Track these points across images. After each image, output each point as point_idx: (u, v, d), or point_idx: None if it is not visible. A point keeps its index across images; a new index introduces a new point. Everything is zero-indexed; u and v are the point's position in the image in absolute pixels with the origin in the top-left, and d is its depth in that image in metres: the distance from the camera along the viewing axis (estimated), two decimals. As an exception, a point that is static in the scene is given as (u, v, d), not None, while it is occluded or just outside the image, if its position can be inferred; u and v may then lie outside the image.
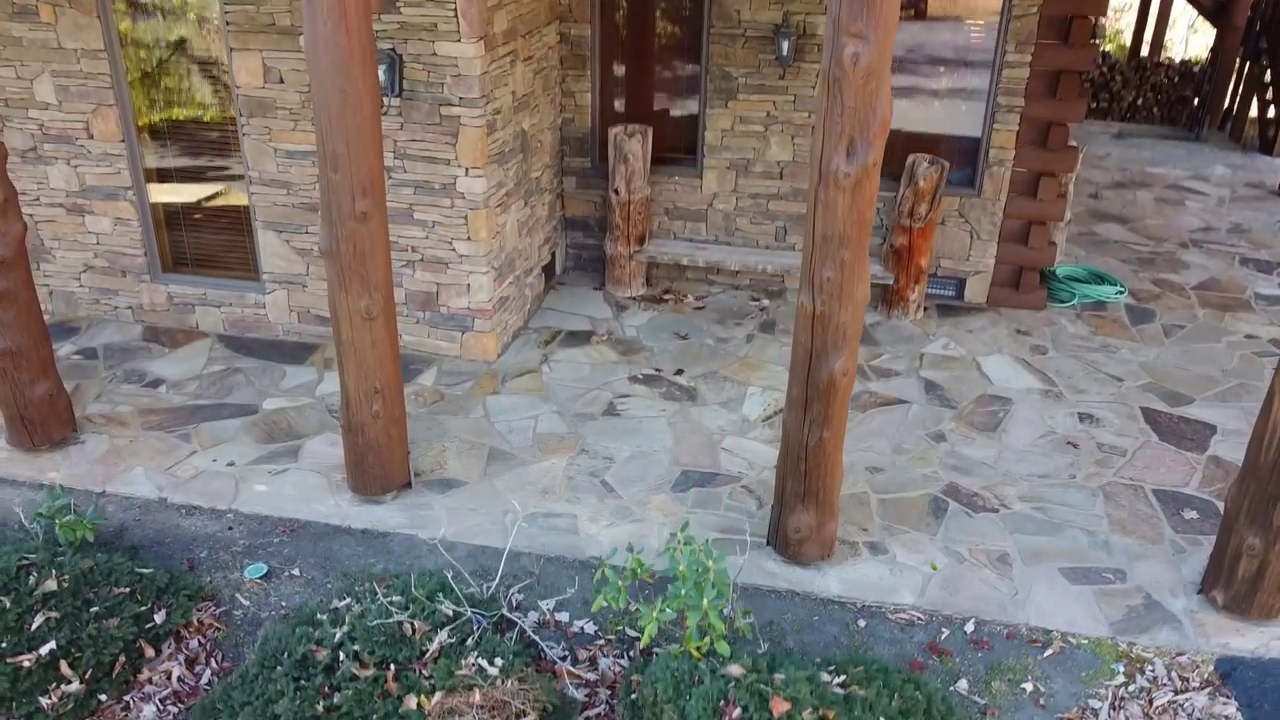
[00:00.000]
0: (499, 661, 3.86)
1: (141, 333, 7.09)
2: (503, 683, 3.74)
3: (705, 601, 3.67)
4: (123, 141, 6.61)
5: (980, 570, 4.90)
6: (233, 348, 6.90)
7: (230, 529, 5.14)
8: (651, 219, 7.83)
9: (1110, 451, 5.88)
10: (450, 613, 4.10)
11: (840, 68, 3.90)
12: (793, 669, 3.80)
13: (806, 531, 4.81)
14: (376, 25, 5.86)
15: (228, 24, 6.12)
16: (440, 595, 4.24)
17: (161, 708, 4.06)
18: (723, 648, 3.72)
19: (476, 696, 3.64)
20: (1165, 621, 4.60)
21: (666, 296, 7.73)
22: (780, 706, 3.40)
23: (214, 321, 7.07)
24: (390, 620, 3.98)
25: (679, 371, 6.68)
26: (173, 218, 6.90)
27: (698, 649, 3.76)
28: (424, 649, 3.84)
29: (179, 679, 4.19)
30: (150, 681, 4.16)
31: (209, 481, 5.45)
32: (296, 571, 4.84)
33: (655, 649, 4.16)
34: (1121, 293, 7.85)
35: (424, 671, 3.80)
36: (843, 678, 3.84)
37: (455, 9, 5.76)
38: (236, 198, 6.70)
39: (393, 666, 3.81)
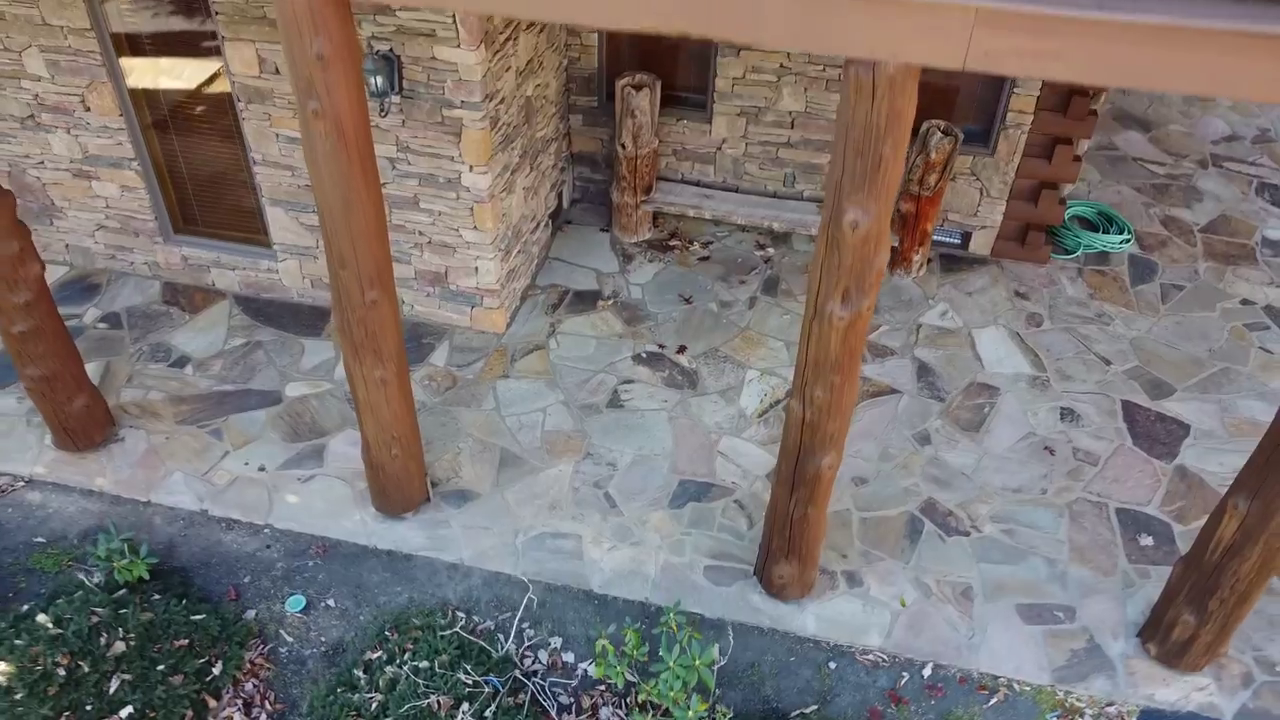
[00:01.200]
0: (513, 738, 4.51)
1: (161, 292, 7.31)
2: (517, 763, 4.40)
3: (690, 714, 4.25)
4: (121, 115, 6.53)
5: (944, 608, 5.45)
6: (250, 313, 7.15)
7: (268, 547, 5.68)
8: (659, 160, 7.76)
9: (1084, 460, 6.27)
10: (470, 682, 4.71)
11: (839, 230, 3.96)
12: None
13: (789, 579, 5.33)
14: (372, 27, 5.66)
15: (217, 14, 5.89)
16: (461, 660, 4.84)
17: (227, 758, 4.79)
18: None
19: (495, 781, 4.32)
20: (1102, 669, 5.21)
21: (673, 243, 7.82)
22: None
23: (230, 281, 7.27)
24: (420, 698, 4.59)
25: (681, 349, 6.95)
26: (181, 187, 6.93)
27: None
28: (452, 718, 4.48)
29: (240, 724, 4.89)
30: (215, 731, 4.86)
31: (244, 491, 5.94)
32: (332, 602, 5.43)
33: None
34: (1127, 241, 7.88)
35: (450, 750, 4.46)
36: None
37: (454, 16, 5.55)
38: (243, 174, 6.70)
39: (423, 745, 4.47)
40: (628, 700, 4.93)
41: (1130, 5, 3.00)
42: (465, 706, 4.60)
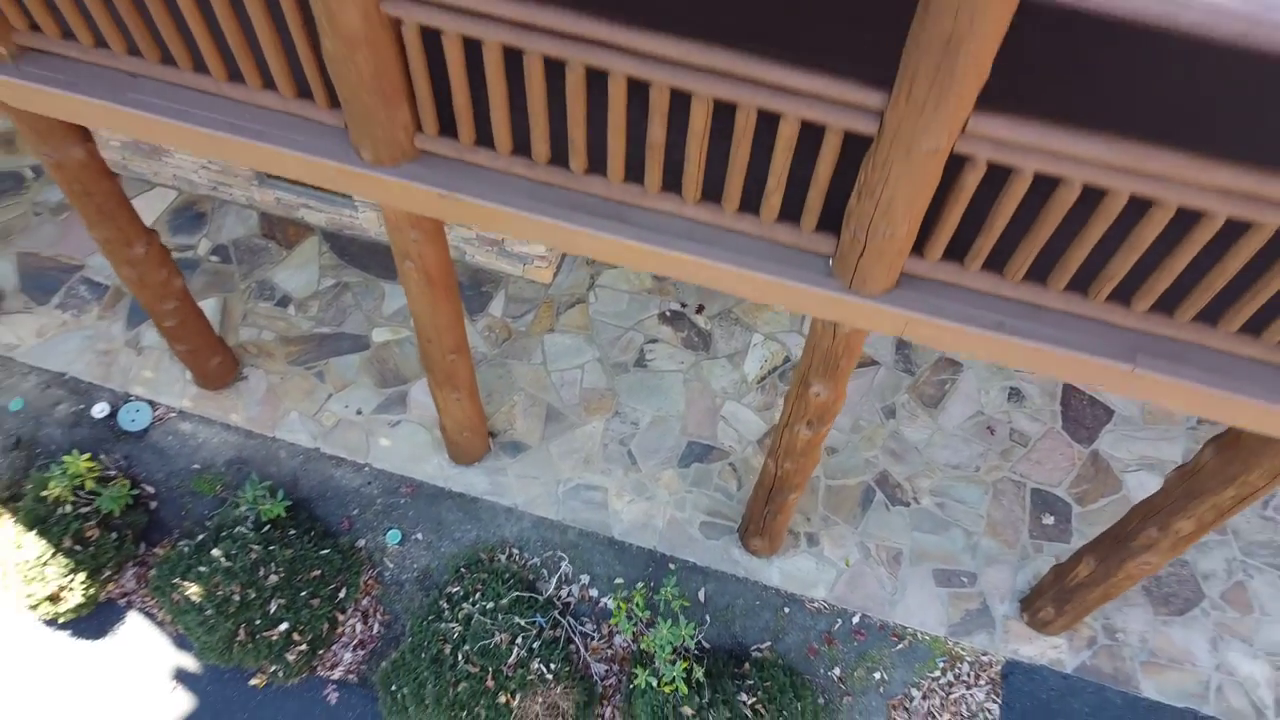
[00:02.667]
0: (553, 667, 6.55)
1: (259, 224, 8.59)
2: (555, 687, 6.48)
3: (675, 676, 6.22)
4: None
5: (878, 569, 7.28)
6: (337, 251, 8.47)
7: (369, 484, 7.51)
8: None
9: (1017, 441, 7.79)
10: (523, 624, 6.69)
11: (805, 396, 5.33)
12: (725, 686, 6.47)
13: (761, 548, 7.13)
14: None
15: None
16: (517, 598, 6.79)
17: (353, 653, 6.91)
18: (683, 689, 6.35)
19: (540, 700, 6.42)
20: (985, 626, 7.11)
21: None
22: (709, 743, 6.16)
23: (318, 219, 8.51)
24: (487, 636, 6.59)
25: (700, 309, 8.28)
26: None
27: (669, 685, 6.40)
28: (510, 667, 6.51)
29: (360, 632, 6.98)
30: (343, 636, 6.96)
31: (346, 433, 7.67)
32: (420, 536, 7.34)
33: (649, 651, 6.76)
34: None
35: (508, 673, 6.52)
36: (760, 675, 6.50)
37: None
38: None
39: (490, 669, 6.53)
40: (635, 631, 6.91)
41: (1028, 330, 4.19)
42: (519, 640, 6.59)
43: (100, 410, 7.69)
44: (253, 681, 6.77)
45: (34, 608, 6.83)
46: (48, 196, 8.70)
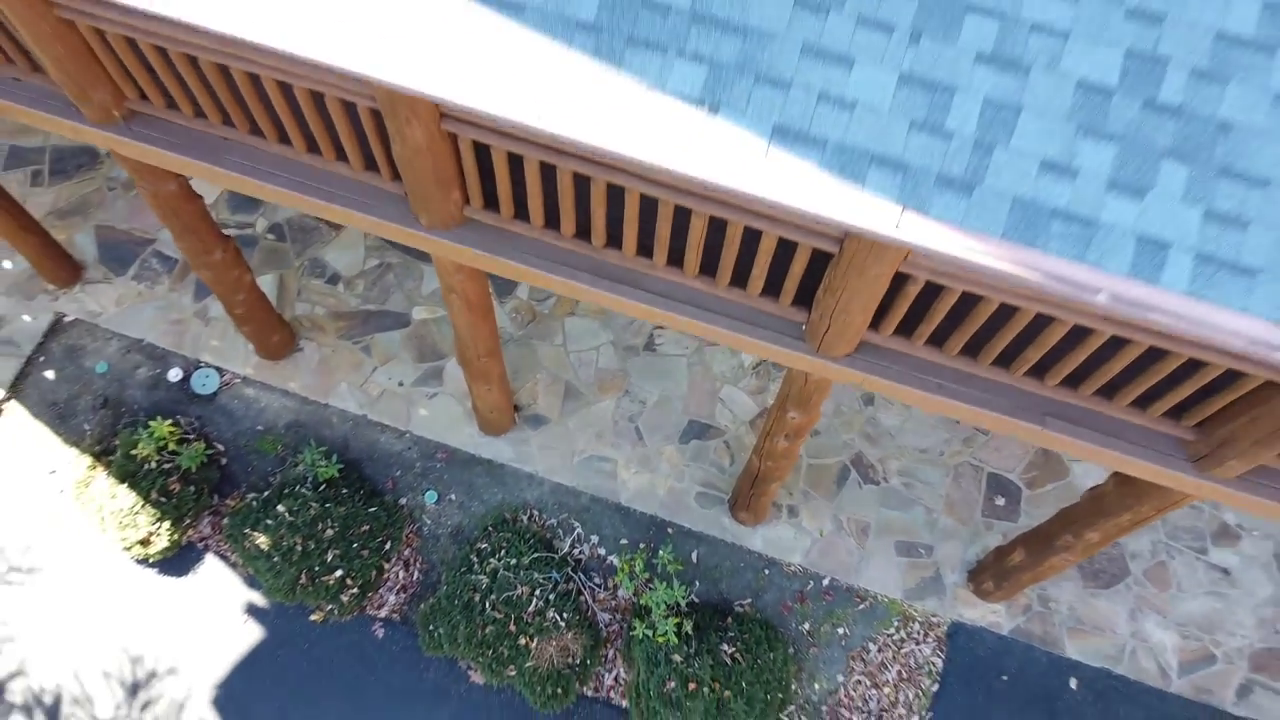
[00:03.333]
0: (565, 615, 7.79)
1: (310, 205, 9.51)
2: (566, 632, 7.73)
3: (669, 629, 7.44)
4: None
5: (847, 540, 8.44)
6: (380, 233, 9.41)
7: (409, 449, 8.66)
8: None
9: (979, 429, 8.84)
10: (541, 578, 7.90)
11: (783, 418, 6.38)
12: (710, 637, 7.70)
13: (747, 519, 8.28)
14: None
15: None
16: (537, 558, 7.99)
17: (396, 596, 8.17)
18: (673, 640, 7.58)
19: (553, 643, 7.67)
20: (936, 592, 8.29)
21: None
22: (693, 685, 7.42)
23: (362, 203, 9.43)
24: (511, 588, 7.81)
25: (704, 298, 9.23)
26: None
27: (662, 636, 7.62)
28: (530, 616, 7.73)
29: (402, 578, 8.22)
30: (387, 581, 8.20)
31: (390, 402, 8.78)
32: (453, 496, 8.51)
33: (646, 604, 7.96)
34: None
35: (528, 620, 7.76)
36: (740, 628, 7.72)
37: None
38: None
39: (512, 616, 7.77)
40: (636, 587, 8.11)
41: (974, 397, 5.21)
42: (537, 592, 7.81)
43: (175, 374, 8.80)
44: (312, 617, 8.04)
45: (127, 549, 8.07)
46: (120, 173, 9.63)
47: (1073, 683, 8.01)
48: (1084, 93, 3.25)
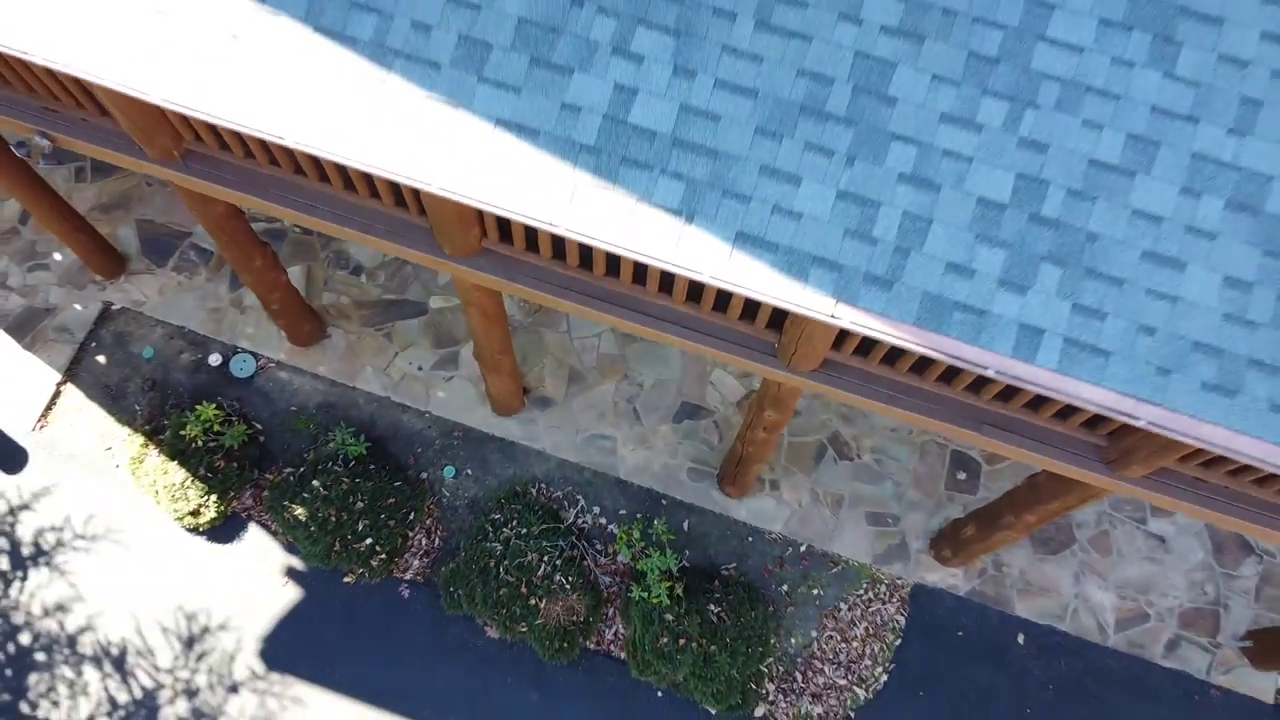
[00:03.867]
0: (570, 579, 8.86)
1: (333, 200, 10.37)
2: (571, 594, 8.80)
3: (661, 591, 8.50)
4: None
5: (823, 510, 9.47)
6: (398, 227, 10.27)
7: (429, 428, 9.65)
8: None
9: (945, 410, 9.79)
10: (548, 545, 8.95)
11: (760, 416, 7.34)
12: (699, 598, 8.78)
13: (733, 493, 9.31)
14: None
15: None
16: (545, 528, 9.03)
17: (420, 561, 9.23)
18: (666, 602, 8.64)
19: (560, 604, 8.75)
20: (902, 558, 9.34)
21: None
22: (683, 641, 8.51)
23: (381, 199, 10.29)
24: (522, 555, 8.86)
25: (697, 289, 10.14)
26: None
27: (656, 599, 8.69)
28: (539, 579, 8.79)
29: (425, 545, 9.27)
30: (411, 547, 9.26)
31: (410, 385, 9.75)
32: (469, 471, 9.53)
33: (642, 568, 9.00)
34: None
35: (537, 583, 8.82)
36: (725, 590, 8.80)
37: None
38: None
39: (523, 579, 8.83)
40: (633, 554, 9.16)
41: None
42: (545, 559, 8.87)
43: (215, 359, 9.76)
44: (345, 579, 9.11)
45: (179, 520, 9.11)
46: (156, 170, 10.45)
47: (1020, 638, 9.10)
48: (982, 207, 4.14)
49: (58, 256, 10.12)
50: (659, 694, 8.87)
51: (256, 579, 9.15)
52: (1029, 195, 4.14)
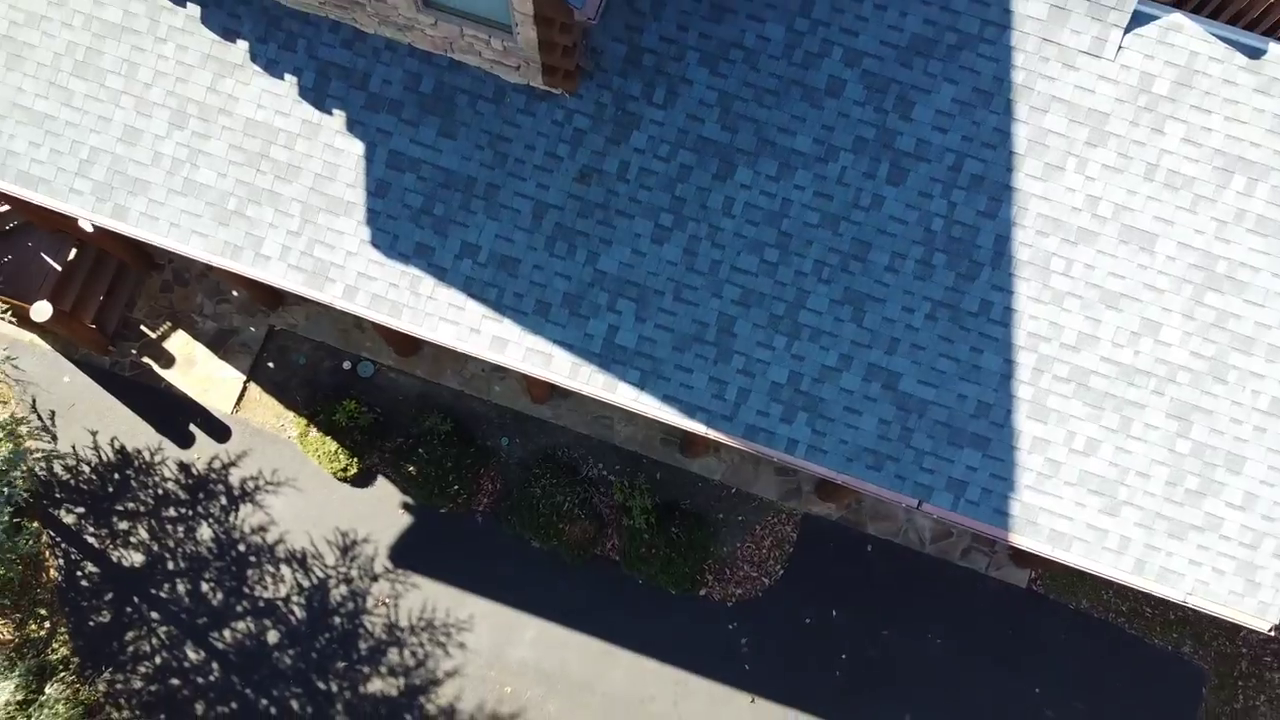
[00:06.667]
0: (584, 512, 14.63)
1: (418, 252, 15.72)
2: (585, 522, 14.60)
3: (641, 519, 14.27)
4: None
5: (747, 466, 15.14)
6: (464, 271, 15.67)
7: (490, 411, 15.32)
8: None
9: (831, 400, 15.40)
10: (570, 490, 14.67)
11: (697, 427, 12.98)
12: (665, 523, 14.57)
13: (689, 455, 15.01)
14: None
15: None
16: (567, 479, 14.73)
17: (487, 499, 15.01)
18: (644, 526, 14.38)
19: (578, 528, 14.56)
20: (798, 497, 15.10)
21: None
22: (654, 550, 14.32)
23: (452, 252, 15.61)
24: (552, 496, 14.58)
25: (668, 315, 15.60)
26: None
27: (638, 525, 14.42)
28: (564, 511, 14.53)
29: (489, 489, 15.02)
30: (481, 491, 15.02)
31: (477, 382, 15.36)
32: (517, 440, 15.23)
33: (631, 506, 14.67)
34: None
35: (562, 515, 14.58)
36: (682, 518, 14.57)
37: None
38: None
39: (554, 512, 14.58)
40: (624, 497, 14.86)
41: None
42: (568, 499, 14.59)
43: (346, 365, 15.32)
44: (441, 510, 14.91)
45: (333, 473, 14.85)
46: (296, 230, 15.70)
47: (869, 548, 14.93)
48: (775, 386, 9.58)
49: (235, 293, 15.52)
50: (639, 582, 14.80)
51: (384, 510, 14.96)
52: (801, 382, 9.56)
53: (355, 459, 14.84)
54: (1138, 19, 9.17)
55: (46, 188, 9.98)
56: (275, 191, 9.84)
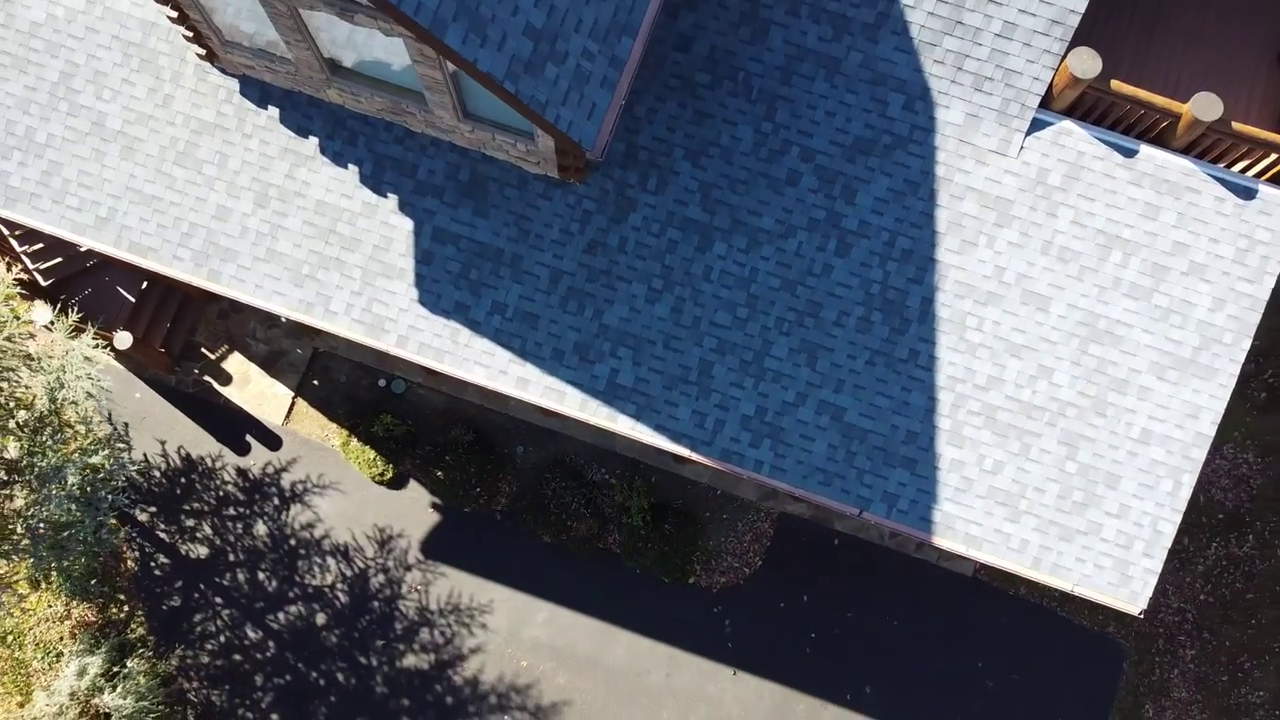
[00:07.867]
0: (589, 512, 17.19)
1: (444, 283, 18.22)
2: (590, 520, 17.15)
3: (638, 517, 16.82)
4: (436, 250, 16.94)
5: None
6: (483, 300, 18.20)
7: (507, 423, 17.88)
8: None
9: (804, 413, 17.95)
10: (576, 492, 17.21)
11: (685, 442, 15.53)
12: (660, 521, 17.13)
13: (681, 462, 17.55)
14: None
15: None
16: (574, 482, 17.28)
17: (505, 499, 17.56)
18: (641, 523, 16.92)
19: (583, 525, 17.12)
20: (775, 498, 17.64)
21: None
22: (650, 544, 16.88)
23: (473, 283, 18.12)
24: (561, 497, 17.12)
25: (662, 339, 18.14)
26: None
27: (636, 522, 16.95)
28: (571, 510, 17.07)
29: (507, 491, 17.56)
30: (499, 493, 17.56)
31: (497, 398, 17.83)
32: (531, 448, 17.79)
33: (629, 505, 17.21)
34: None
35: (569, 514, 17.12)
36: (674, 516, 17.13)
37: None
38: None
39: (563, 511, 17.12)
40: (624, 498, 17.41)
41: None
42: (575, 500, 17.13)
43: (381, 382, 17.85)
44: (465, 510, 17.47)
45: (372, 477, 17.42)
46: (336, 264, 18.19)
47: (836, 541, 17.50)
48: (756, 415, 12.09)
49: (284, 320, 18.01)
50: (637, 572, 17.42)
51: (415, 510, 17.53)
52: (766, 415, 12.05)
53: (390, 465, 17.35)
54: (1036, 125, 11.62)
55: (155, 255, 12.47)
56: (341, 259, 12.33)
